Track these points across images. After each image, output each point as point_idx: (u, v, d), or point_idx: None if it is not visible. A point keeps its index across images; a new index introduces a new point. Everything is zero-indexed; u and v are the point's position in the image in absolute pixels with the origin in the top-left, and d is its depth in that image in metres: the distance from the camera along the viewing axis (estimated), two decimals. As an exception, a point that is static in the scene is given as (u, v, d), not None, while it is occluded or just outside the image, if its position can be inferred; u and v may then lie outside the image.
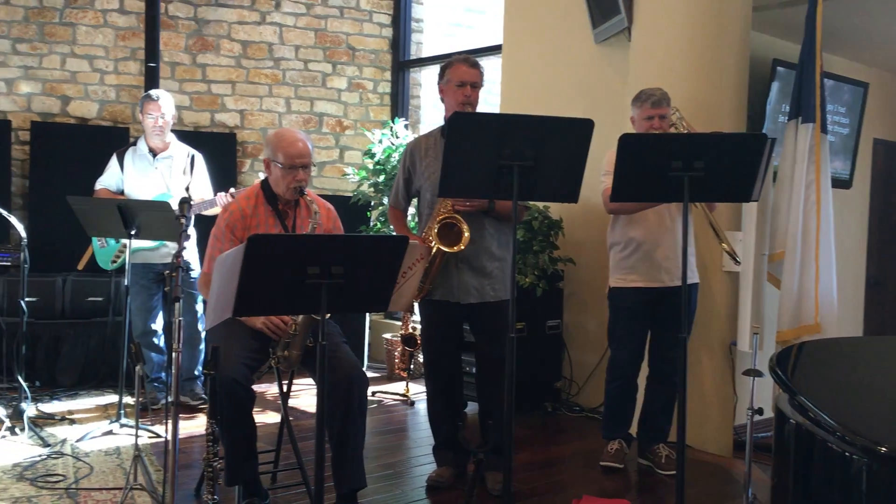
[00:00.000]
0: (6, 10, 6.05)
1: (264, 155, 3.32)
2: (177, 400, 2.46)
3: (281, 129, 3.42)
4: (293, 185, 3.21)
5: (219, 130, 6.67)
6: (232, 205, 3.33)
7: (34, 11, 6.19)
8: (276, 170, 3.24)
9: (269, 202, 3.32)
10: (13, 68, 6.15)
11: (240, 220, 3.26)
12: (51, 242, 5.64)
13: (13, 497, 3.32)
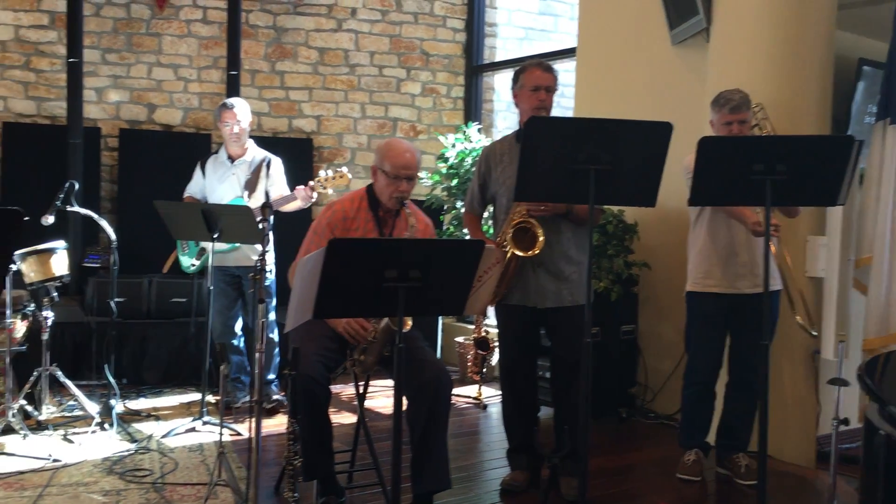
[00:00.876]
0: (97, 22, 6.31)
1: (373, 162, 3.38)
2: (260, 399, 2.53)
3: (392, 139, 3.48)
4: (395, 194, 3.27)
5: (296, 136, 6.82)
6: (336, 204, 3.41)
7: (122, 23, 6.44)
8: (382, 178, 3.30)
9: (372, 208, 3.38)
10: (103, 77, 6.41)
11: (341, 220, 3.34)
12: (137, 245, 5.85)
13: (103, 490, 3.47)
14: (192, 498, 3.41)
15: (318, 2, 6.82)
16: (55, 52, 6.28)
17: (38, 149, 6.07)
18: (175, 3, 6.49)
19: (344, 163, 6.93)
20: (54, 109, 6.30)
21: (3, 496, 3.34)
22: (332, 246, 2.43)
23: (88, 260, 5.68)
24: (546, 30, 7.59)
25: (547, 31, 7.59)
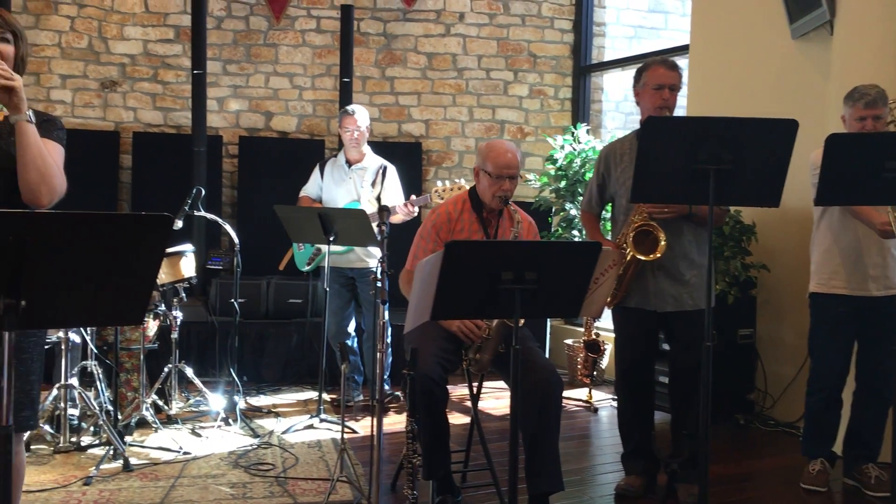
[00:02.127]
0: (218, 35, 6.61)
1: (475, 163, 3.44)
2: (381, 398, 2.59)
3: (493, 140, 3.53)
4: (498, 194, 3.31)
5: (405, 140, 6.94)
6: (440, 207, 3.48)
7: (242, 35, 6.72)
8: (484, 178, 3.35)
9: (475, 209, 3.44)
10: (224, 88, 6.70)
11: (446, 222, 3.40)
12: (255, 247, 6.08)
13: (230, 482, 3.63)
14: (313, 492, 3.52)
15: (427, 8, 6.92)
16: (180, 65, 6.62)
17: (164, 157, 6.41)
18: (291, 14, 6.73)
19: (452, 166, 7.01)
20: (179, 119, 6.64)
21: (140, 486, 3.55)
22: (450, 249, 2.46)
23: (211, 262, 5.95)
24: (656, 27, 7.46)
25: (657, 28, 7.46)
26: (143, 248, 1.69)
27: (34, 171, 2.16)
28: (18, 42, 2.27)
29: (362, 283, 4.98)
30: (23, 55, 2.30)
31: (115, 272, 1.68)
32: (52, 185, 2.19)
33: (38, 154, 2.16)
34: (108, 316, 1.80)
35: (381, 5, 6.88)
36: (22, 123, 2.16)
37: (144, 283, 1.74)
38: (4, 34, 2.22)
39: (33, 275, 1.57)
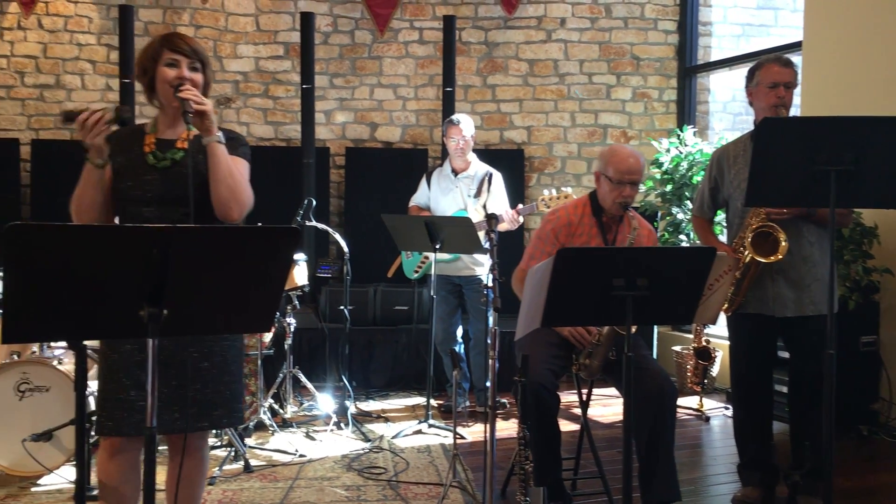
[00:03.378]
0: (325, 50, 6.81)
1: (595, 168, 3.43)
2: (493, 404, 2.62)
3: (616, 145, 3.51)
4: (619, 199, 3.29)
5: (507, 147, 6.96)
6: (560, 210, 3.48)
7: (347, 48, 6.91)
8: (605, 183, 3.34)
9: (595, 214, 3.43)
10: (330, 101, 6.90)
11: (565, 226, 3.40)
12: (362, 256, 6.22)
13: (345, 485, 3.73)
14: (424, 497, 3.58)
15: (528, 14, 6.93)
16: (289, 80, 6.85)
17: (275, 169, 6.64)
18: (394, 26, 6.87)
19: (554, 172, 6.98)
20: (289, 132, 6.87)
21: (260, 486, 3.69)
22: (561, 255, 2.47)
23: (321, 271, 6.12)
24: (766, 24, 7.22)
25: (766, 25, 7.22)
26: (273, 259, 1.77)
27: (225, 188, 2.31)
28: (205, 69, 2.45)
29: (469, 291, 5.03)
30: (208, 80, 2.48)
31: (247, 282, 1.77)
32: (240, 200, 2.35)
33: (228, 172, 2.31)
34: (241, 323, 1.89)
35: (482, 14, 6.94)
36: (213, 144, 2.32)
37: (274, 291, 1.83)
38: (194, 63, 2.39)
39: (175, 285, 1.67)
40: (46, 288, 1.61)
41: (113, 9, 6.50)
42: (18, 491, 3.55)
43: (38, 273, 1.58)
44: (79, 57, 6.62)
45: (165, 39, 2.44)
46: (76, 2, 6.61)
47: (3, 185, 6.27)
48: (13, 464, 3.58)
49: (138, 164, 2.42)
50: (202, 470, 2.58)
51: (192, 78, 2.39)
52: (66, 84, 6.61)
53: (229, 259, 1.73)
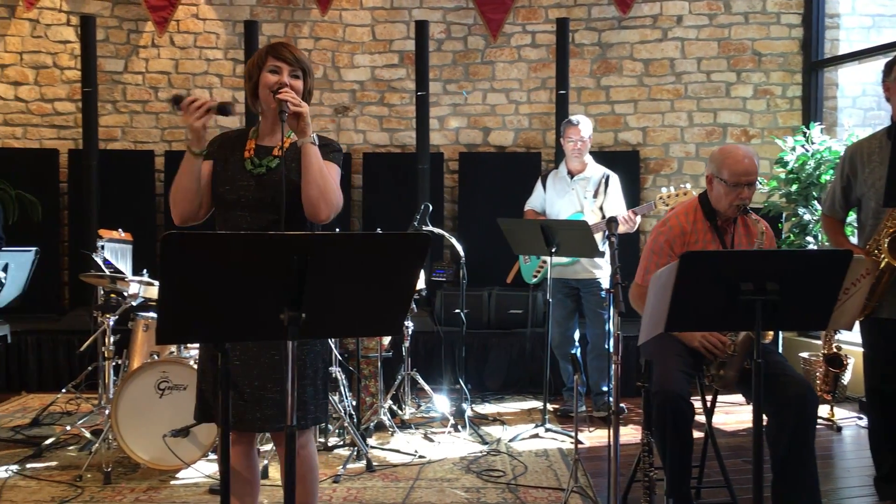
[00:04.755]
0: (438, 56, 6.91)
1: (707, 170, 3.32)
2: (617, 409, 2.60)
3: (727, 146, 3.39)
4: (736, 202, 3.17)
5: (622, 149, 6.86)
6: (671, 219, 3.38)
7: (460, 55, 6.98)
8: (720, 186, 3.22)
9: (708, 218, 3.31)
10: (444, 106, 6.99)
11: (679, 235, 3.30)
12: (476, 260, 6.27)
13: (464, 486, 3.78)
14: (544, 501, 3.58)
15: (643, 14, 6.82)
16: (404, 88, 6.99)
17: (391, 175, 6.79)
18: (506, 31, 6.89)
19: (671, 173, 6.84)
20: (404, 139, 7.00)
21: (382, 486, 3.78)
22: (685, 259, 2.43)
23: (436, 275, 6.21)
24: (900, 13, 6.84)
25: (901, 14, 6.84)
26: (405, 265, 1.82)
27: (315, 189, 2.41)
28: (307, 78, 2.55)
29: (586, 294, 4.99)
30: (310, 88, 2.58)
31: (380, 287, 1.83)
32: (329, 201, 2.43)
33: (319, 173, 2.41)
34: (373, 326, 1.96)
35: (595, 15, 6.87)
36: (307, 146, 2.42)
37: (404, 296, 1.88)
38: (296, 71, 2.51)
39: (313, 290, 1.75)
40: (197, 292, 1.72)
41: (238, 24, 6.80)
42: (159, 484, 3.77)
43: (191, 279, 1.69)
44: (207, 71, 6.97)
45: (271, 48, 2.55)
46: (204, 19, 6.96)
47: (139, 194, 6.66)
48: (154, 458, 3.80)
49: (237, 169, 2.52)
50: (309, 466, 2.63)
51: (291, 84, 2.49)
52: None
53: (364, 265, 1.79)
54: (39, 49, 6.84)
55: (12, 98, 6.86)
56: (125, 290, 4.28)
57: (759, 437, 2.48)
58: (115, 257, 4.77)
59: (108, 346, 4.26)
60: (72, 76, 6.80)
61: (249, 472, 2.63)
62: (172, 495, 3.64)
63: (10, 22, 6.80)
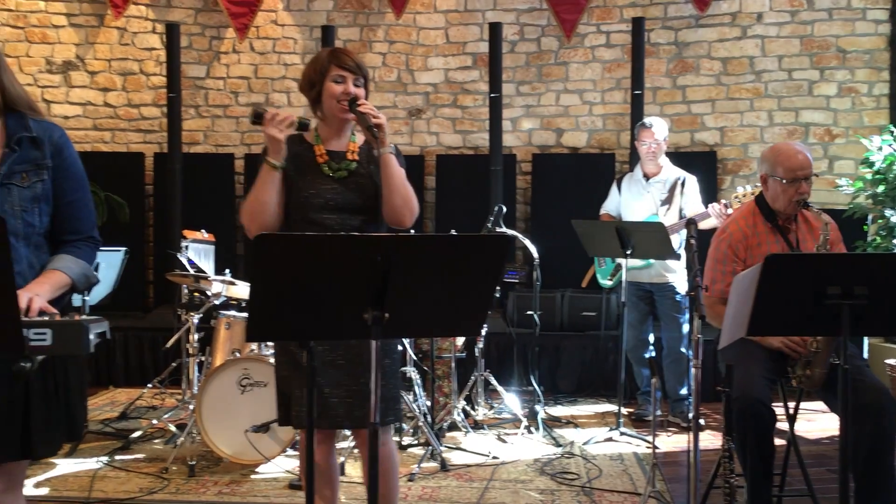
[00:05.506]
0: (511, 58, 6.91)
1: (761, 171, 3.30)
2: (696, 414, 2.57)
3: (778, 144, 3.38)
4: (796, 198, 3.16)
5: (699, 150, 6.74)
6: (731, 226, 3.34)
7: (533, 56, 6.97)
8: (776, 185, 3.21)
9: (768, 219, 3.28)
10: (517, 108, 6.99)
11: (741, 240, 3.27)
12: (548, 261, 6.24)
13: (538, 488, 3.77)
14: (619, 505, 3.56)
15: (721, 11, 6.69)
16: (477, 90, 7.01)
17: (463, 177, 6.82)
18: (580, 31, 6.85)
19: (749, 174, 6.69)
20: (477, 140, 7.03)
21: (457, 485, 3.81)
22: (769, 262, 2.38)
23: (508, 276, 6.21)
24: None
25: None
26: (485, 266, 1.84)
27: (399, 197, 2.45)
28: (367, 83, 2.60)
29: (661, 297, 4.93)
30: (367, 94, 2.62)
31: (461, 287, 1.86)
32: (412, 209, 2.50)
33: (401, 182, 2.46)
34: (454, 327, 1.98)
35: (672, 14, 6.77)
36: (387, 156, 2.46)
37: (485, 297, 1.90)
38: (359, 79, 2.54)
39: (395, 290, 1.78)
40: (286, 292, 1.77)
41: (315, 30, 6.94)
42: (240, 477, 3.88)
43: (280, 278, 1.75)
44: (285, 76, 7.13)
45: (333, 55, 2.58)
46: (283, 25, 7.12)
47: (219, 195, 6.86)
48: (236, 452, 3.91)
49: (315, 174, 2.55)
50: (389, 464, 2.67)
51: (356, 93, 2.52)
52: (275, 102, 7.13)
53: (446, 266, 1.82)
54: (127, 56, 7.12)
55: (101, 104, 7.14)
56: (208, 289, 4.42)
57: (845, 446, 2.41)
58: (199, 257, 4.92)
59: (192, 343, 4.42)
60: (157, 82, 7.05)
61: (330, 469, 2.69)
62: (253, 489, 3.75)
63: (100, 30, 7.09)
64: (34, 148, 2.06)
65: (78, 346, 1.76)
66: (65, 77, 7.09)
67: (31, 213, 2.04)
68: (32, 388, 1.98)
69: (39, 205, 2.06)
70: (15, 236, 1.98)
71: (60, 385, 2.05)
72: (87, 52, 7.10)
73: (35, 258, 2.06)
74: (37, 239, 2.07)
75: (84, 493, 3.66)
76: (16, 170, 2.02)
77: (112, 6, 6.90)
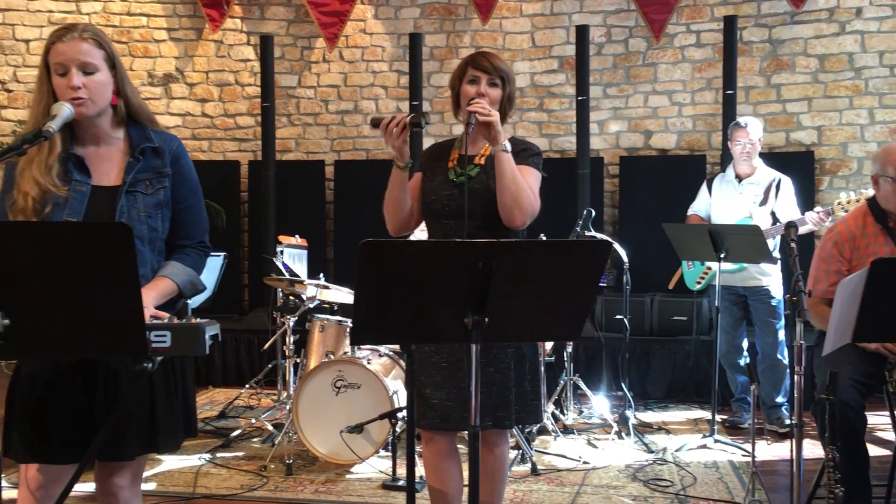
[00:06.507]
0: (598, 60, 6.86)
1: (872, 171, 3.23)
2: (800, 421, 2.51)
3: (891, 144, 3.29)
4: None
5: (794, 150, 6.55)
6: (839, 225, 3.30)
7: (621, 58, 6.90)
8: (886, 184, 3.15)
9: (878, 220, 3.21)
10: (604, 111, 6.93)
11: (848, 240, 3.22)
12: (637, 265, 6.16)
13: (631, 495, 3.74)
14: (715, 513, 3.49)
15: (818, 7, 6.48)
16: (563, 93, 6.99)
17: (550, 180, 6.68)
18: (669, 31, 6.75)
19: (849, 174, 6.46)
20: (563, 144, 7.01)
21: (548, 489, 3.81)
22: (876, 266, 2.33)
23: (596, 280, 6.15)
24: None
25: None
26: (586, 271, 1.85)
27: (508, 195, 2.47)
28: (506, 84, 2.59)
29: (755, 302, 4.81)
30: (511, 94, 2.62)
31: (560, 292, 1.87)
32: (523, 207, 2.49)
33: (511, 180, 2.47)
34: (553, 331, 2.00)
35: (765, 11, 6.59)
36: (499, 153, 2.49)
37: (584, 302, 1.91)
38: (494, 80, 2.57)
39: (496, 295, 1.81)
40: (389, 296, 1.82)
41: (403, 37, 7.04)
42: (336, 477, 3.98)
43: (384, 283, 1.80)
44: (373, 83, 7.26)
45: (471, 58, 2.62)
46: (371, 33, 7.26)
47: (311, 201, 7.04)
48: (331, 452, 4.01)
49: (442, 179, 2.62)
50: (500, 466, 2.70)
51: (487, 93, 2.54)
52: (363, 109, 7.27)
53: (546, 271, 1.84)
54: (223, 68, 7.38)
55: (199, 114, 7.43)
56: (303, 292, 4.55)
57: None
58: (293, 261, 5.07)
59: (288, 345, 4.55)
60: (251, 92, 7.29)
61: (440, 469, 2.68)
62: (348, 488, 3.83)
63: (198, 44, 7.38)
64: (156, 157, 2.18)
65: (195, 348, 1.86)
66: (165, 89, 7.40)
67: (154, 219, 2.16)
68: (157, 388, 2.10)
69: (161, 210, 2.18)
70: (140, 241, 2.10)
71: (179, 384, 2.17)
72: (186, 64, 7.39)
73: (157, 262, 2.18)
74: (159, 244, 2.19)
75: (189, 489, 3.82)
76: (140, 178, 2.14)
77: (209, 20, 7.19)
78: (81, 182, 2.10)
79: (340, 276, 5.66)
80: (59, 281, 1.63)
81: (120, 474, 2.13)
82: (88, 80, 2.06)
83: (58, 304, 1.65)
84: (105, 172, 2.15)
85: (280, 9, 7.32)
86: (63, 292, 1.64)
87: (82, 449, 1.95)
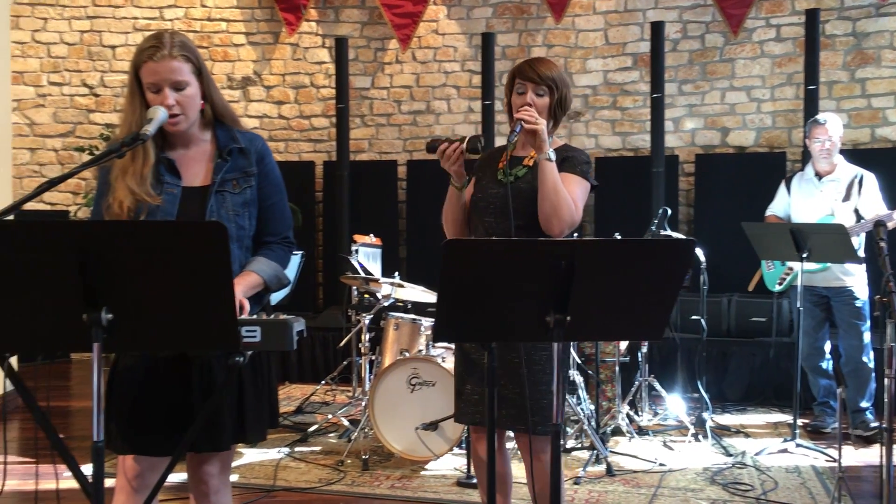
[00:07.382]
0: (673, 57, 6.75)
1: None
2: (891, 427, 2.43)
3: None
4: None
5: (880, 146, 6.33)
6: None
7: (697, 54, 6.79)
8: None
9: None
10: (679, 108, 6.83)
11: None
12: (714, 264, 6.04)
13: (709, 498, 3.68)
14: (801, 519, 3.41)
15: (905, -2, 6.25)
16: (637, 90, 6.91)
17: (623, 179, 6.72)
18: (748, 26, 6.60)
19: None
20: (637, 142, 6.92)
21: (623, 490, 3.78)
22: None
23: (671, 279, 6.06)
24: None
25: None
26: (670, 270, 1.84)
27: (548, 204, 2.48)
28: (554, 91, 2.58)
29: (838, 303, 4.67)
30: (561, 100, 2.60)
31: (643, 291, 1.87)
32: (561, 216, 2.48)
33: (552, 189, 2.48)
34: (635, 330, 1.99)
35: (849, 4, 6.39)
36: (542, 162, 2.50)
37: (667, 301, 1.90)
38: (540, 88, 2.57)
39: (578, 294, 1.82)
40: (472, 295, 1.84)
41: (475, 37, 7.07)
42: (411, 473, 4.03)
43: (467, 282, 1.82)
44: (445, 84, 7.31)
45: (517, 69, 2.64)
46: (444, 34, 7.30)
47: (384, 201, 7.13)
48: (406, 448, 4.06)
49: (491, 179, 2.66)
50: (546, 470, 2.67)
51: (534, 102, 2.55)
52: (435, 109, 7.32)
53: (629, 270, 1.83)
54: (299, 70, 7.53)
55: (276, 116, 7.60)
56: (378, 290, 4.62)
57: None
58: (367, 260, 5.15)
59: (363, 342, 4.62)
60: (326, 94, 7.42)
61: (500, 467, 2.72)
62: (423, 485, 3.88)
63: (275, 47, 7.55)
64: (242, 157, 2.25)
65: (283, 343, 1.91)
66: (244, 92, 7.59)
67: (242, 217, 2.23)
68: (245, 381, 2.18)
69: (248, 209, 2.25)
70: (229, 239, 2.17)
71: (265, 377, 2.24)
72: (263, 67, 7.57)
73: (244, 259, 2.25)
74: (247, 241, 2.26)
75: (269, 481, 3.92)
76: (228, 178, 2.22)
77: (286, 24, 7.35)
78: (172, 184, 2.18)
79: (413, 275, 5.71)
80: (158, 278, 1.70)
81: (211, 463, 2.22)
82: (180, 96, 2.13)
83: (157, 301, 1.72)
84: (195, 174, 2.22)
85: (354, 11, 7.43)
86: (162, 289, 1.71)
87: (177, 440, 2.03)
